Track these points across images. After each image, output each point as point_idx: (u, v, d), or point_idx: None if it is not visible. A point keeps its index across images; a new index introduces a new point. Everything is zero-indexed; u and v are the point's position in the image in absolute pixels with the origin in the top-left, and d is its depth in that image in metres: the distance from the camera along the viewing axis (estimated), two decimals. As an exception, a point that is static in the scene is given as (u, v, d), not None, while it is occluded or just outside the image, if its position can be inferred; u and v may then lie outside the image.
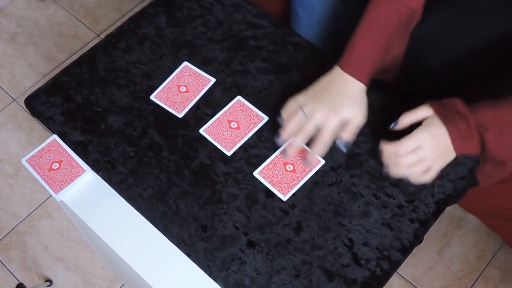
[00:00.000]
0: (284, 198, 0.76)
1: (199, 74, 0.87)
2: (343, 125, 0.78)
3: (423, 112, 0.76)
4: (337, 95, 0.78)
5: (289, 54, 0.89)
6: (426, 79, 0.99)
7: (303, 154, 0.79)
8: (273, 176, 0.78)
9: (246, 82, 0.86)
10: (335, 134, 0.78)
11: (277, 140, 0.79)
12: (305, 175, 0.78)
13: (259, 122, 0.82)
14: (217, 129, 0.81)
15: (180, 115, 0.83)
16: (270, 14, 0.94)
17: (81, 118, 0.83)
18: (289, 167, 0.78)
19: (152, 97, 0.85)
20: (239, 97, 0.84)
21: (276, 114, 0.83)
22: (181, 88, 0.85)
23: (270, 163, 0.79)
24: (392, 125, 0.77)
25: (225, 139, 0.80)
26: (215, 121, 0.82)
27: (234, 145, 0.80)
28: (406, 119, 0.77)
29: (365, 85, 0.79)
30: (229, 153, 0.80)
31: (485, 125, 0.72)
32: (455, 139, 0.73)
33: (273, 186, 0.77)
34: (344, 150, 0.79)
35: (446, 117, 0.74)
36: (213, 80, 0.86)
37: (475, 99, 0.77)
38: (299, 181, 0.77)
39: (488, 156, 0.75)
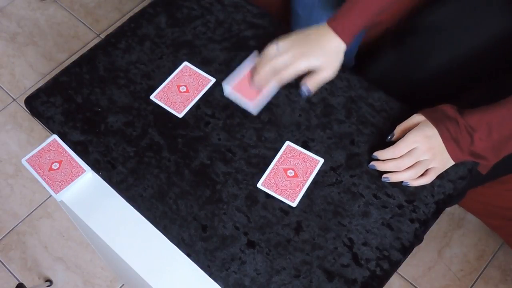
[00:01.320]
0: (294, 204, 0.76)
1: (199, 74, 0.87)
2: (312, 73, 0.81)
3: (415, 118, 0.79)
4: (314, 44, 0.81)
5: (289, 54, 0.89)
6: (421, 84, 1.00)
7: (300, 157, 0.79)
8: (276, 184, 0.77)
9: (246, 82, 0.86)
10: (295, 75, 0.81)
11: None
12: (308, 177, 0.78)
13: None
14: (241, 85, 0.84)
15: (180, 115, 0.83)
16: (270, 14, 0.94)
17: (81, 118, 0.83)
18: (290, 173, 0.78)
19: (152, 97, 0.85)
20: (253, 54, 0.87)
21: (276, 114, 0.83)
22: (181, 88, 0.85)
23: (270, 172, 0.78)
24: (388, 137, 0.79)
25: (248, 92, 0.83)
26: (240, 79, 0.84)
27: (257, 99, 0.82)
28: (400, 128, 0.79)
29: (346, 44, 0.81)
30: (255, 112, 0.82)
31: (474, 126, 0.75)
32: (446, 139, 0.75)
33: (279, 194, 0.77)
34: (302, 96, 0.83)
35: (436, 120, 0.77)
36: (213, 80, 0.86)
37: (468, 104, 0.78)
38: (303, 184, 0.77)
39: (472, 151, 0.77)
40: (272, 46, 0.82)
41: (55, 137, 0.82)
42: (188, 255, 0.73)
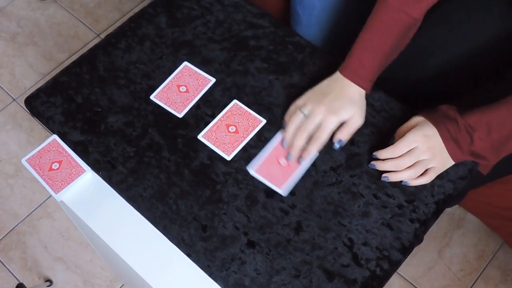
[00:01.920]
0: (283, 193, 0.76)
1: (199, 74, 0.87)
2: (341, 125, 0.79)
3: (414, 120, 0.79)
4: (336, 97, 0.79)
5: (289, 54, 0.89)
6: (421, 85, 1.00)
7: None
8: (268, 171, 0.78)
9: (246, 82, 0.86)
10: (331, 134, 0.79)
11: (283, 143, 0.80)
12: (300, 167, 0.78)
13: (258, 125, 0.82)
14: (215, 134, 0.81)
15: (180, 115, 0.83)
16: (270, 14, 0.94)
17: (81, 118, 0.83)
18: (283, 162, 0.78)
19: (152, 97, 0.85)
20: (235, 101, 0.84)
21: (276, 114, 0.83)
22: (181, 88, 0.85)
23: (265, 159, 0.79)
24: (390, 141, 0.79)
25: (224, 143, 0.80)
26: (213, 126, 0.82)
27: (234, 149, 0.80)
28: (400, 131, 0.79)
29: (366, 90, 0.81)
30: (229, 158, 0.79)
31: (474, 126, 0.75)
32: (446, 139, 0.75)
33: (270, 181, 0.77)
34: (337, 148, 0.80)
35: (436, 120, 0.77)
36: (213, 80, 0.86)
37: (468, 104, 0.79)
38: (293, 173, 0.78)
39: (472, 151, 0.77)
40: (296, 112, 0.79)
41: (55, 137, 0.82)
42: (188, 255, 0.73)
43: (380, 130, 0.82)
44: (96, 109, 0.84)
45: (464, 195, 1.17)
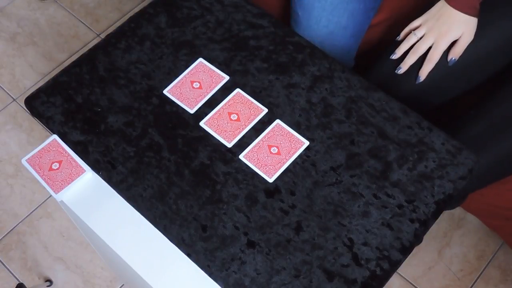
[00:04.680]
0: (270, 180, 0.77)
1: (213, 71, 0.87)
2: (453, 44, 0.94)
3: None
4: (448, 21, 0.92)
5: (289, 54, 0.89)
6: (424, 89, 1.00)
7: (287, 136, 0.81)
8: (258, 159, 0.79)
9: (246, 82, 0.86)
10: (441, 54, 0.94)
11: (391, 57, 0.98)
12: (290, 157, 0.79)
13: (259, 114, 0.83)
14: (217, 122, 0.82)
15: (192, 111, 0.83)
16: (270, 14, 0.94)
17: (81, 118, 0.83)
18: (274, 150, 0.79)
19: (165, 91, 0.85)
20: (238, 90, 0.85)
21: (276, 114, 0.83)
22: (194, 84, 0.86)
23: (255, 146, 0.80)
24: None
25: (225, 131, 0.81)
26: (215, 114, 0.83)
27: (235, 137, 0.81)
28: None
29: (472, 15, 0.91)
30: (229, 145, 0.80)
31: None
32: None
33: (258, 168, 0.78)
34: (451, 64, 0.94)
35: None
36: (227, 77, 0.86)
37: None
38: (284, 163, 0.78)
39: None
40: (411, 35, 0.95)
41: (55, 137, 0.82)
42: (188, 255, 0.73)
43: (380, 130, 0.82)
44: (96, 109, 0.84)
45: (465, 198, 1.17)
